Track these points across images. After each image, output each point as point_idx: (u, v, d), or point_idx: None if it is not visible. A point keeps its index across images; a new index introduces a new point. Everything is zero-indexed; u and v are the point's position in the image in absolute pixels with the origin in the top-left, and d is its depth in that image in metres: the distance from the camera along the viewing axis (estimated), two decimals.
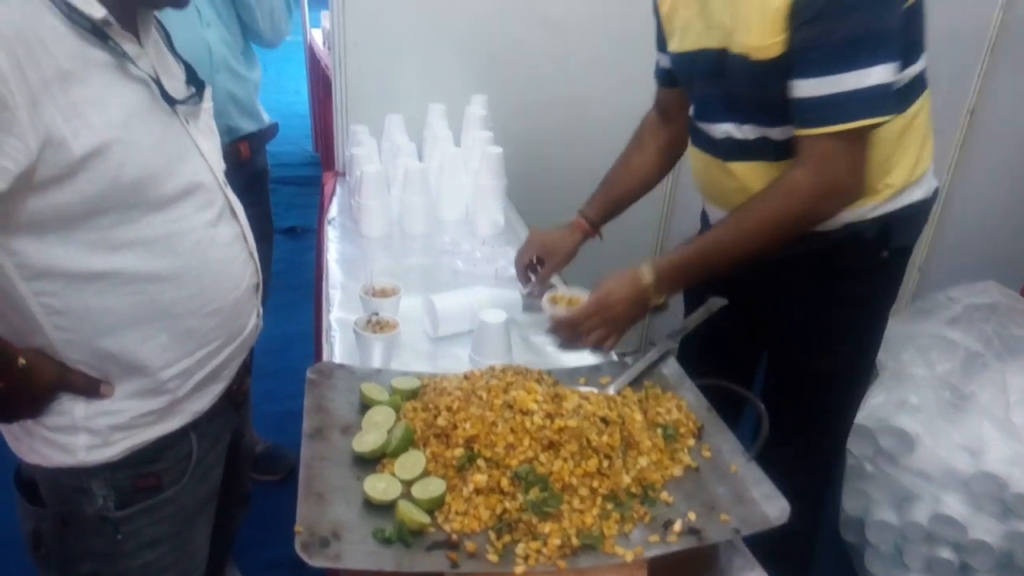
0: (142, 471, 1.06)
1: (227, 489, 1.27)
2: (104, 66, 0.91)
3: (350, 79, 2.22)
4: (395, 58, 2.22)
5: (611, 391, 1.14)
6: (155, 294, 0.99)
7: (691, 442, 1.05)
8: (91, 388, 0.99)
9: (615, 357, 1.33)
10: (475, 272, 1.70)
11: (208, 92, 1.12)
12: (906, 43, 1.17)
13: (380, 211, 1.88)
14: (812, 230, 1.25)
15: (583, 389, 1.10)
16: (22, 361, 0.91)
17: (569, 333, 1.37)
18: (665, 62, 1.51)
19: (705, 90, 1.37)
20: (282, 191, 4.51)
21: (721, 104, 1.33)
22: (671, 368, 1.21)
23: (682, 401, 1.12)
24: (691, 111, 1.45)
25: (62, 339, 0.96)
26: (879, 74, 1.09)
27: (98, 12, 0.89)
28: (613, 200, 1.63)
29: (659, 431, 1.05)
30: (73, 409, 0.99)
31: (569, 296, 1.44)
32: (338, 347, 1.39)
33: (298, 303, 2.87)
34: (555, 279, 1.61)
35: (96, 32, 0.90)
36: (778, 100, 1.19)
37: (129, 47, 0.95)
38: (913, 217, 1.34)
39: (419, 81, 2.25)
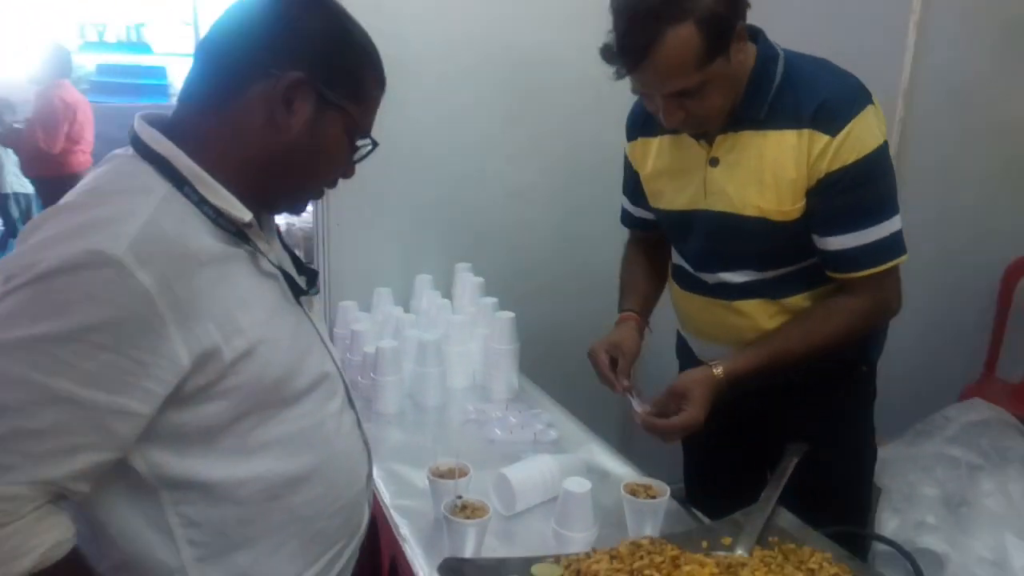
0: None
1: None
2: (243, 263, 0.90)
3: (333, 258, 2.22)
4: (377, 234, 2.25)
5: (739, 552, 1.12)
6: (288, 497, 0.93)
7: None
8: None
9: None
10: (513, 439, 1.67)
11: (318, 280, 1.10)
12: None
13: (396, 386, 1.83)
14: None
15: (719, 554, 1.08)
16: None
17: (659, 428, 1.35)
18: (641, 214, 1.63)
19: (699, 244, 1.47)
20: None
21: (714, 256, 1.46)
22: (788, 520, 1.20)
23: (826, 554, 1.11)
24: (680, 261, 1.55)
25: (195, 556, 0.88)
26: (896, 223, 1.34)
27: (246, 216, 0.89)
28: (642, 293, 1.63)
29: None
30: None
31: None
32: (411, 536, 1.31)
33: None
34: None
35: (239, 233, 0.89)
36: (779, 250, 1.41)
37: (262, 244, 0.94)
38: (877, 334, 1.55)
39: (403, 255, 2.28)
